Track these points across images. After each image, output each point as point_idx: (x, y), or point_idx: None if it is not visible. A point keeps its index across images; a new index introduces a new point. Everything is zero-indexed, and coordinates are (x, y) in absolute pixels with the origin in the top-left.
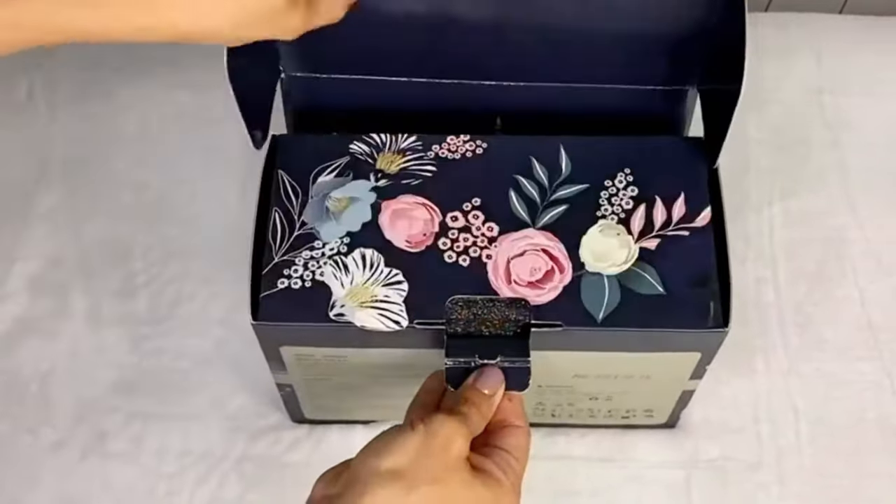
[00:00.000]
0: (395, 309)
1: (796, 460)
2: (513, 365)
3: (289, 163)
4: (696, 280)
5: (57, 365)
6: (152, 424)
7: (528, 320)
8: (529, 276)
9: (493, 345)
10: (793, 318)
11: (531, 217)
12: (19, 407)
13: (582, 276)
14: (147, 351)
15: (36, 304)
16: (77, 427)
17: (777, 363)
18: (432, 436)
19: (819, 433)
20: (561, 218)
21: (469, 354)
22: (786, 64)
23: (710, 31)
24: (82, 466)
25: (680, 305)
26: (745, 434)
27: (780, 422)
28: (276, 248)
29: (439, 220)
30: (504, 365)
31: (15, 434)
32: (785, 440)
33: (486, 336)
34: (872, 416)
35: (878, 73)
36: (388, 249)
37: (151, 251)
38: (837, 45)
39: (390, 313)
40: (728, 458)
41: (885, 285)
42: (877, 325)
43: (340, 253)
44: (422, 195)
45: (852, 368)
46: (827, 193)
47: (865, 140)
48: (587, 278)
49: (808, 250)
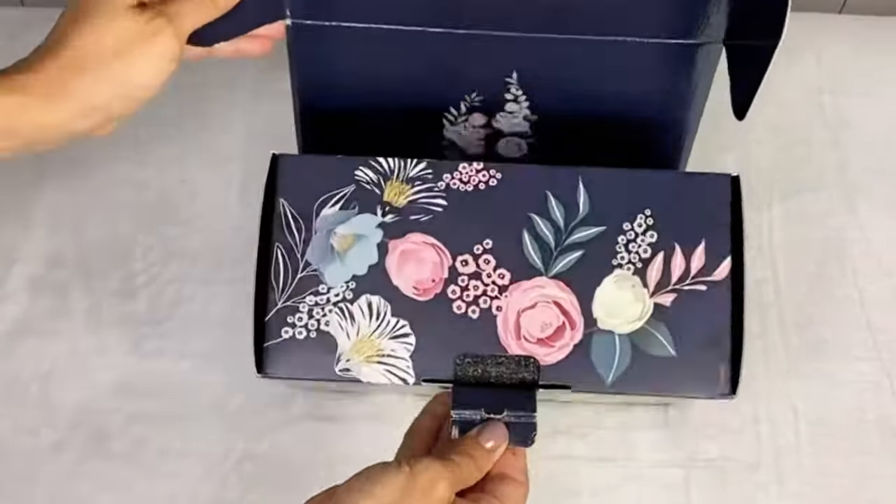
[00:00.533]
0: (402, 365)
1: (795, 460)
2: (518, 420)
3: (291, 189)
4: (708, 341)
5: (57, 365)
6: (152, 425)
7: (536, 378)
8: (540, 333)
9: (500, 398)
10: (793, 318)
11: (545, 263)
12: (19, 407)
13: (593, 334)
14: (147, 351)
15: (36, 305)
16: (77, 428)
17: (777, 363)
18: (416, 477)
19: (818, 433)
20: (575, 266)
21: (476, 407)
22: (786, 64)
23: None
24: (82, 467)
25: (690, 368)
26: (744, 434)
27: (779, 422)
28: (279, 290)
29: (449, 265)
30: (510, 419)
31: (15, 435)
32: (784, 440)
33: (494, 386)
34: (872, 416)
35: (878, 73)
36: (395, 297)
37: (151, 251)
38: (837, 45)
39: (397, 369)
40: (727, 458)
41: (884, 286)
42: (876, 326)
43: (346, 300)
44: (431, 234)
45: (852, 369)
46: (827, 193)
47: (865, 140)
48: (598, 336)
49: (808, 250)
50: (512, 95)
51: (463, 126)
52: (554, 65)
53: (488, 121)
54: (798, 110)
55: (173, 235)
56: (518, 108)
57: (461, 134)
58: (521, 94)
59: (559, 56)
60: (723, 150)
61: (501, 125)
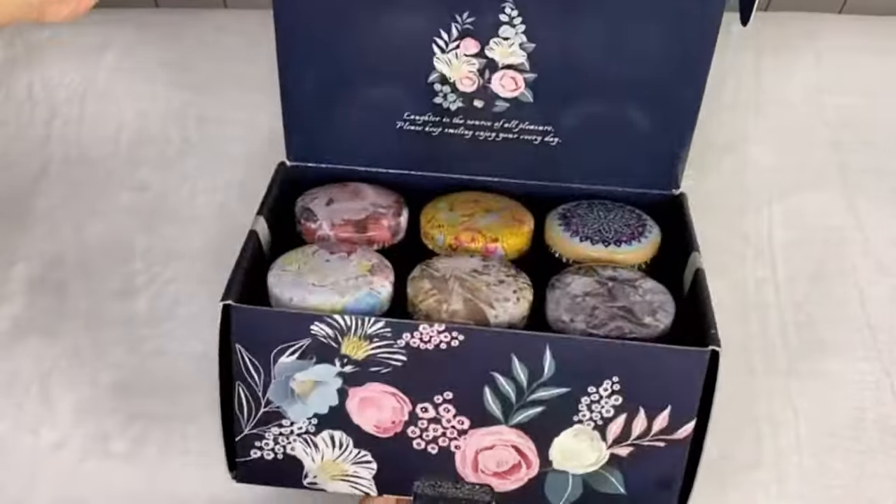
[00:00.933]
0: (366, 483)
1: (795, 460)
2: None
3: (246, 337)
4: (661, 483)
5: (57, 365)
6: (152, 425)
7: (490, 500)
8: (496, 468)
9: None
10: (792, 317)
11: (504, 415)
12: (19, 407)
13: (548, 473)
14: (147, 351)
15: (36, 305)
16: (77, 427)
17: (776, 363)
18: None
19: (818, 433)
20: (535, 419)
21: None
22: (786, 64)
23: None
24: (82, 467)
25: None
26: (744, 434)
27: (779, 421)
28: (244, 421)
29: (409, 410)
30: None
31: (15, 434)
32: (784, 440)
33: None
34: (871, 416)
35: (878, 73)
36: (357, 433)
37: (151, 251)
38: (837, 45)
39: (361, 486)
40: (727, 458)
41: (884, 285)
42: (876, 325)
43: (309, 432)
44: (391, 384)
45: (851, 368)
46: (826, 193)
47: (865, 140)
48: (553, 474)
49: (808, 250)
50: (507, 16)
51: (454, 54)
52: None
53: (481, 49)
54: (798, 110)
55: (173, 235)
56: (513, 34)
57: (452, 63)
58: (517, 14)
59: None
60: (723, 150)
61: (495, 54)
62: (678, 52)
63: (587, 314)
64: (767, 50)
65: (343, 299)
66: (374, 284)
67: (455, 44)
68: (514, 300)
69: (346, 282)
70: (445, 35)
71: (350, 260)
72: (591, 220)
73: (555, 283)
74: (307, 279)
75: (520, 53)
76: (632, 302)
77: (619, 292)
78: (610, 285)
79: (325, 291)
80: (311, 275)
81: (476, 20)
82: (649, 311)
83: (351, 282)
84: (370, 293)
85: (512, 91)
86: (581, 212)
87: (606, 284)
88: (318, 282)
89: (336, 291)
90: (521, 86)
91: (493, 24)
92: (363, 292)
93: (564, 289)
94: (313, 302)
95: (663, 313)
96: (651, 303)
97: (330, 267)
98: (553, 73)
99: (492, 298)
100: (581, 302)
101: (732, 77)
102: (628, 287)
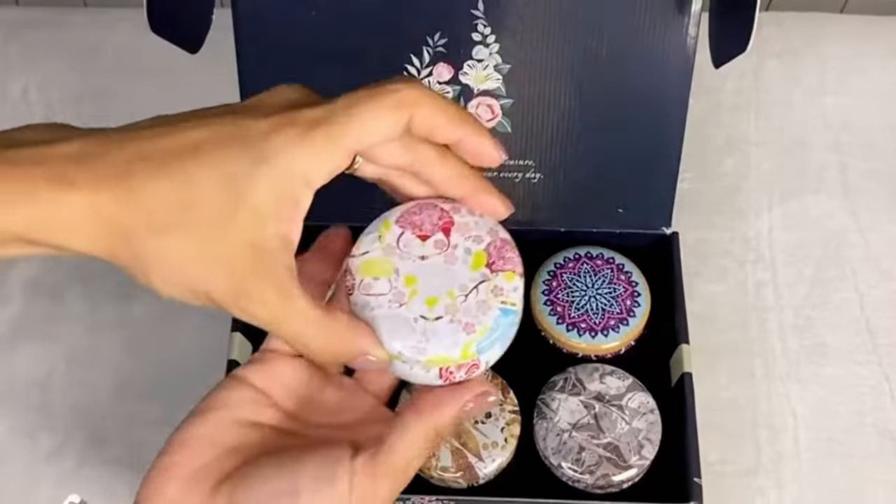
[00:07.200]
0: None
1: (795, 465)
2: None
3: None
4: None
5: (55, 369)
6: (151, 429)
7: None
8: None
9: None
10: (792, 321)
11: None
12: (17, 411)
13: None
14: (146, 354)
15: (33, 308)
16: (75, 432)
17: (776, 367)
18: None
19: (818, 438)
20: None
21: None
22: (786, 64)
23: None
24: (81, 471)
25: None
26: (743, 438)
27: (778, 426)
28: None
29: None
30: None
31: (13, 439)
32: (783, 445)
33: None
34: (871, 420)
35: (878, 73)
36: None
37: None
38: (838, 45)
39: None
40: (726, 463)
41: (884, 289)
42: (876, 330)
43: None
44: None
45: (851, 373)
46: (827, 195)
47: (866, 141)
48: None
49: (808, 253)
50: (479, 35)
51: (427, 82)
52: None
53: (455, 74)
54: (798, 110)
55: None
56: (487, 55)
57: None
58: (490, 32)
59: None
60: (722, 152)
61: (470, 79)
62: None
63: (574, 456)
64: (768, 50)
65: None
66: (504, 290)
67: (427, 70)
68: (502, 442)
69: (464, 298)
70: (417, 61)
71: (453, 247)
72: (578, 293)
73: (542, 407)
74: (413, 308)
75: (495, 77)
76: (618, 435)
77: (606, 420)
78: (596, 409)
79: (445, 326)
80: (412, 297)
81: (448, 41)
82: (636, 446)
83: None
84: (503, 308)
85: (489, 121)
86: (567, 278)
87: (593, 409)
88: (430, 311)
89: (456, 320)
90: (497, 113)
91: (467, 43)
92: (495, 312)
93: (552, 419)
94: (432, 354)
95: (649, 447)
96: (638, 432)
97: (432, 269)
98: (531, 97)
99: (480, 446)
100: (568, 440)
101: (732, 78)
102: (615, 411)
